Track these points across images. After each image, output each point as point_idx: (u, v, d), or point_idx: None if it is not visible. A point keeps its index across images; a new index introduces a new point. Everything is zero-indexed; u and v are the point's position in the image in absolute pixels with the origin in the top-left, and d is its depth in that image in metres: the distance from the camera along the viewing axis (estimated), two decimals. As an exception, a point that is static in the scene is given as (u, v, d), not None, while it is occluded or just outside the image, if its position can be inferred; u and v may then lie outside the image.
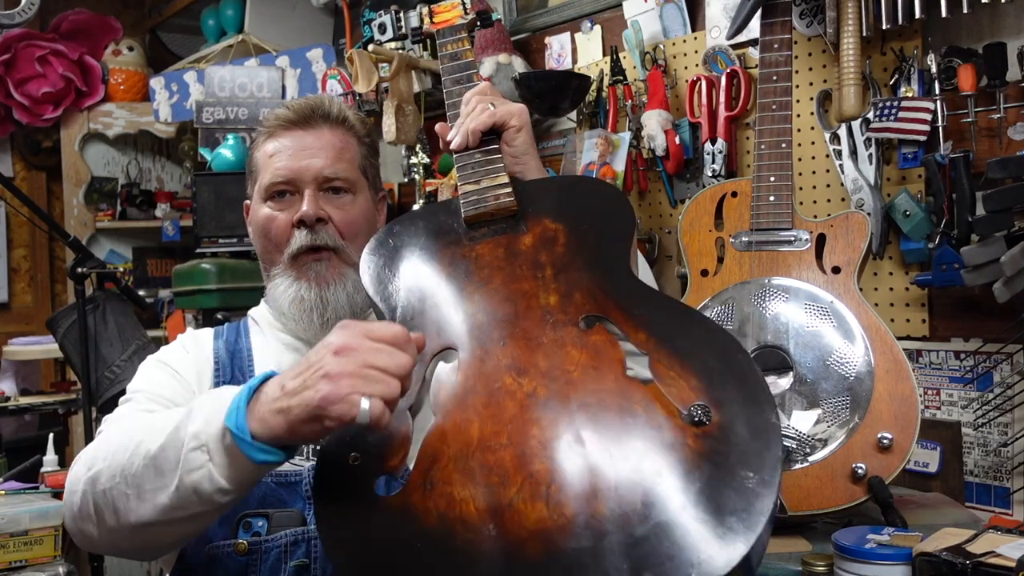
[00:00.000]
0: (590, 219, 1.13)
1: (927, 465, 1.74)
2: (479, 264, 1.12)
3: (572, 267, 1.08)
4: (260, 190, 1.33)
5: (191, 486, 0.95)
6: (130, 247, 4.11)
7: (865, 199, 1.79)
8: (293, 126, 1.33)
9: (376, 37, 2.79)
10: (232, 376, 1.28)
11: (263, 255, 1.35)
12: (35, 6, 2.47)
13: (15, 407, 3.34)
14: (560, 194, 1.18)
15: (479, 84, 1.30)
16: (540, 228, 1.13)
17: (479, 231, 1.16)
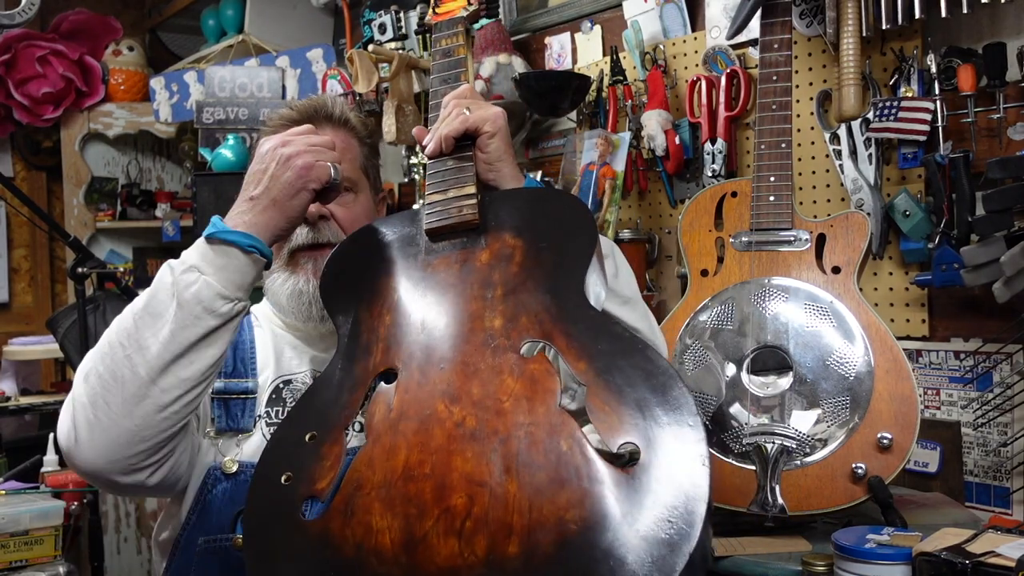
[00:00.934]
0: (551, 236, 1.09)
1: (927, 465, 1.75)
2: (434, 280, 1.10)
3: (523, 288, 1.05)
4: None
5: (192, 299, 1.03)
6: (130, 247, 4.11)
7: (865, 199, 1.79)
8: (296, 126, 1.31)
9: (376, 37, 2.80)
10: (234, 367, 1.29)
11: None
12: (35, 6, 2.47)
13: (15, 407, 3.33)
14: (525, 208, 1.15)
15: (461, 86, 1.28)
16: (499, 244, 1.11)
17: (440, 244, 1.14)
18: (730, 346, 1.56)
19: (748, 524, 1.52)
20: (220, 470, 1.20)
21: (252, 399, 1.26)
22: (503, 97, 2.43)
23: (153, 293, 1.06)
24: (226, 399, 1.25)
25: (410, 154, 2.75)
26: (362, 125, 1.40)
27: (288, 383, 1.29)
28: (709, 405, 1.55)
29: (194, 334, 1.04)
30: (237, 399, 1.26)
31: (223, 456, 1.22)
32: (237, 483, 1.19)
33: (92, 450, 1.04)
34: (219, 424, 1.24)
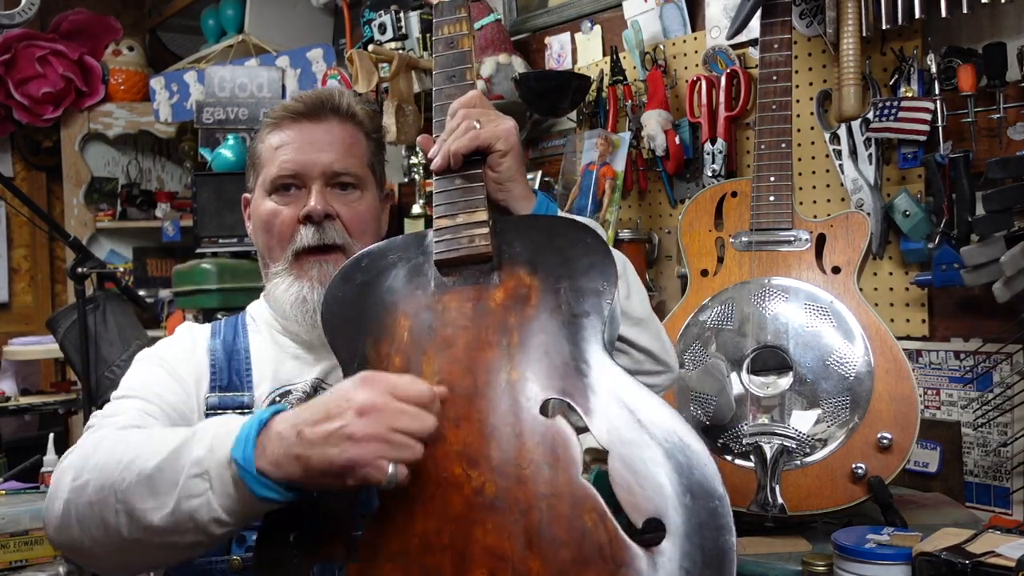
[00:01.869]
0: (568, 274, 1.04)
1: (927, 465, 1.74)
2: (445, 319, 1.03)
3: (541, 336, 1.00)
4: (264, 183, 1.27)
5: (188, 512, 0.94)
6: (130, 247, 4.11)
7: (865, 199, 1.79)
8: (301, 118, 1.27)
9: (376, 37, 2.80)
10: (229, 380, 1.24)
11: (264, 251, 1.30)
12: (35, 6, 2.47)
13: (15, 407, 3.34)
14: (540, 239, 1.07)
15: (469, 92, 1.16)
16: (514, 282, 1.04)
17: (450, 276, 1.06)
18: (730, 346, 1.56)
19: (748, 524, 1.52)
20: None
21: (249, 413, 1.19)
22: (503, 97, 2.43)
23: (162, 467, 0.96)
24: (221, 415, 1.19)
25: (410, 154, 2.75)
26: (369, 119, 1.34)
27: (286, 394, 1.24)
28: (709, 405, 1.55)
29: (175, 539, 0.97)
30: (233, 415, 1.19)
31: None
32: None
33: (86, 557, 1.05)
34: None
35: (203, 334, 1.31)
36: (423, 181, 2.65)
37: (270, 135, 1.29)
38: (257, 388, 1.24)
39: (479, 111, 1.13)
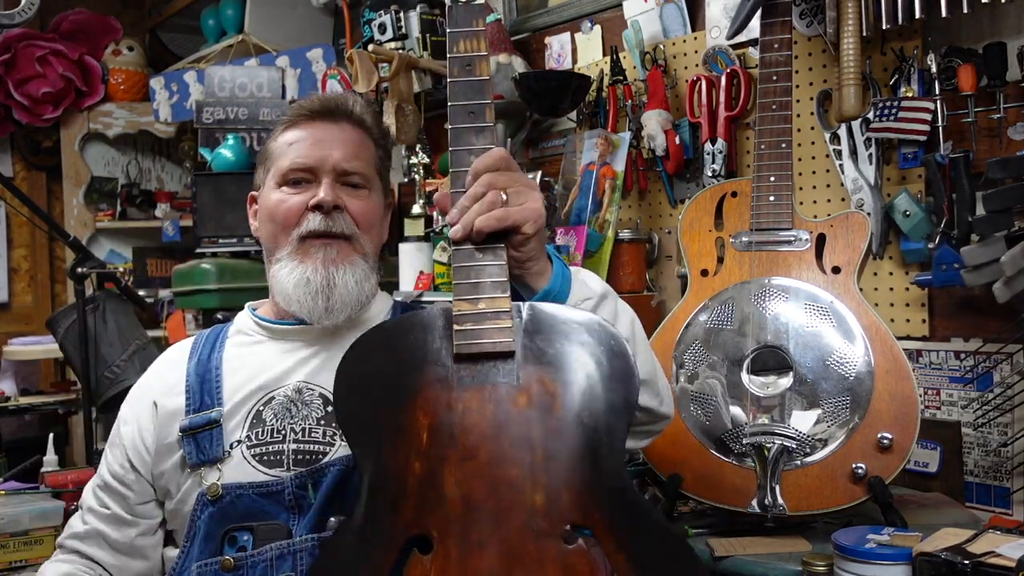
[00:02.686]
0: (591, 383, 1.02)
1: (927, 465, 1.74)
2: (466, 424, 1.00)
3: (564, 453, 0.99)
4: (276, 175, 1.31)
5: None
6: (130, 247, 4.11)
7: (865, 199, 1.79)
8: (316, 117, 1.31)
9: (376, 37, 2.80)
10: (201, 403, 1.27)
11: (269, 239, 1.32)
12: (35, 6, 2.47)
13: (15, 407, 3.34)
14: (563, 338, 1.03)
15: (495, 154, 1.07)
16: (536, 385, 1.01)
17: (469, 369, 1.02)
18: (730, 346, 1.56)
19: (748, 524, 1.52)
20: (207, 496, 1.20)
21: (219, 428, 1.24)
22: (503, 97, 2.43)
23: None
24: (194, 433, 1.25)
25: (410, 154, 2.75)
26: (378, 128, 1.38)
27: (269, 401, 1.26)
28: (709, 405, 1.55)
29: None
30: (204, 431, 1.25)
31: (206, 483, 1.21)
32: (223, 505, 1.19)
33: None
34: (191, 459, 1.24)
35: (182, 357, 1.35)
36: (423, 181, 2.65)
37: (285, 132, 1.32)
38: (230, 399, 1.27)
39: (506, 178, 1.06)
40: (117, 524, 1.29)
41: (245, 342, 1.34)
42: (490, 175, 1.06)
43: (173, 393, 1.30)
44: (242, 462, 1.22)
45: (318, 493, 1.17)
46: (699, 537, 1.50)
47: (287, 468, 1.21)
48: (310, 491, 1.18)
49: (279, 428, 1.24)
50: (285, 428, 1.23)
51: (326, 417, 1.24)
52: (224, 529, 1.18)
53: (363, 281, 1.27)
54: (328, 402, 1.25)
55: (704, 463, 1.54)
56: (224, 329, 1.38)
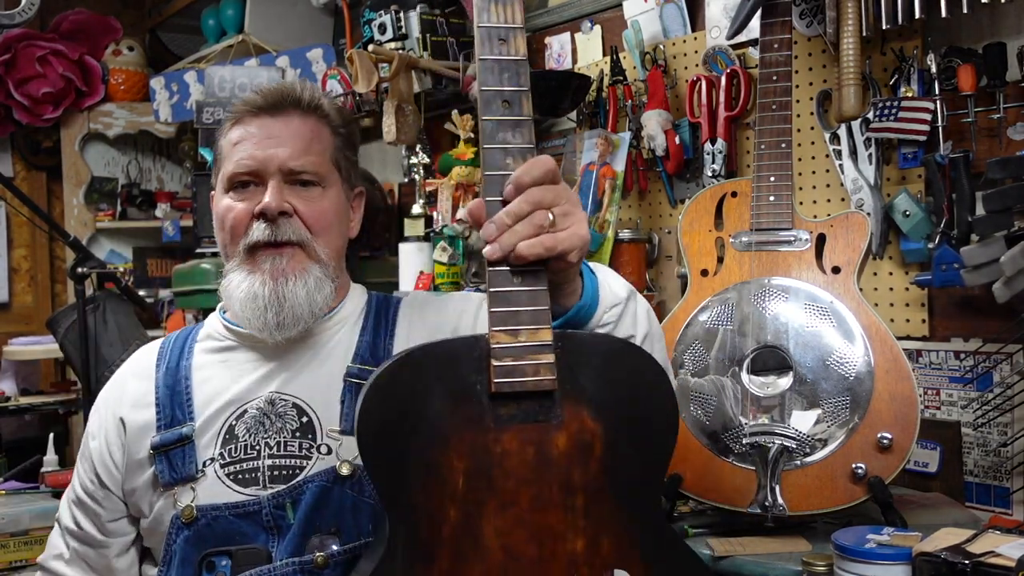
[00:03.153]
0: (631, 422, 0.97)
1: (927, 465, 1.74)
2: (505, 467, 0.94)
3: (604, 497, 0.96)
4: (223, 180, 1.22)
5: None
6: (130, 247, 4.11)
7: (865, 199, 1.79)
8: (261, 112, 1.21)
9: (376, 37, 2.79)
10: (173, 418, 1.21)
11: (222, 249, 1.26)
12: (35, 6, 2.47)
13: (15, 407, 3.34)
14: (602, 370, 0.97)
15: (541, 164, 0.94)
16: (577, 425, 0.95)
17: (507, 407, 0.94)
18: (730, 346, 1.56)
19: (748, 524, 1.52)
20: (181, 519, 1.15)
21: (191, 444, 1.18)
22: (503, 97, 2.43)
23: None
24: (166, 451, 1.19)
25: (410, 154, 2.75)
26: (336, 113, 1.26)
27: (242, 415, 1.20)
28: (709, 405, 1.55)
29: None
30: (176, 448, 1.19)
31: (180, 504, 1.16)
32: (198, 528, 1.14)
33: None
34: (164, 479, 1.18)
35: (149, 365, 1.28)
36: (423, 181, 2.65)
37: (231, 131, 1.24)
38: (201, 414, 1.21)
39: (553, 194, 0.94)
40: (93, 546, 1.25)
41: (214, 348, 1.27)
42: (537, 191, 0.93)
43: (141, 405, 1.24)
44: (216, 481, 1.16)
45: (297, 513, 1.13)
46: (699, 537, 1.50)
47: (263, 486, 1.16)
48: (288, 511, 1.13)
49: (253, 444, 1.17)
50: (259, 443, 1.17)
51: (301, 429, 1.18)
52: (201, 554, 1.13)
53: (315, 292, 1.19)
54: (303, 412, 1.19)
55: (704, 463, 1.54)
56: (194, 332, 1.31)
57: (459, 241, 2.38)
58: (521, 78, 0.94)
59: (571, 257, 0.94)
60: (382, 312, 1.29)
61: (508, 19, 0.93)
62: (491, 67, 0.93)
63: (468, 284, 2.39)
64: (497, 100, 0.93)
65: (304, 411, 1.19)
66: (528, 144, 0.95)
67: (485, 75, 0.94)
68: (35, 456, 2.34)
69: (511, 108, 0.94)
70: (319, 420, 1.19)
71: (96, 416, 1.29)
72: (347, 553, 1.12)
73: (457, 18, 2.80)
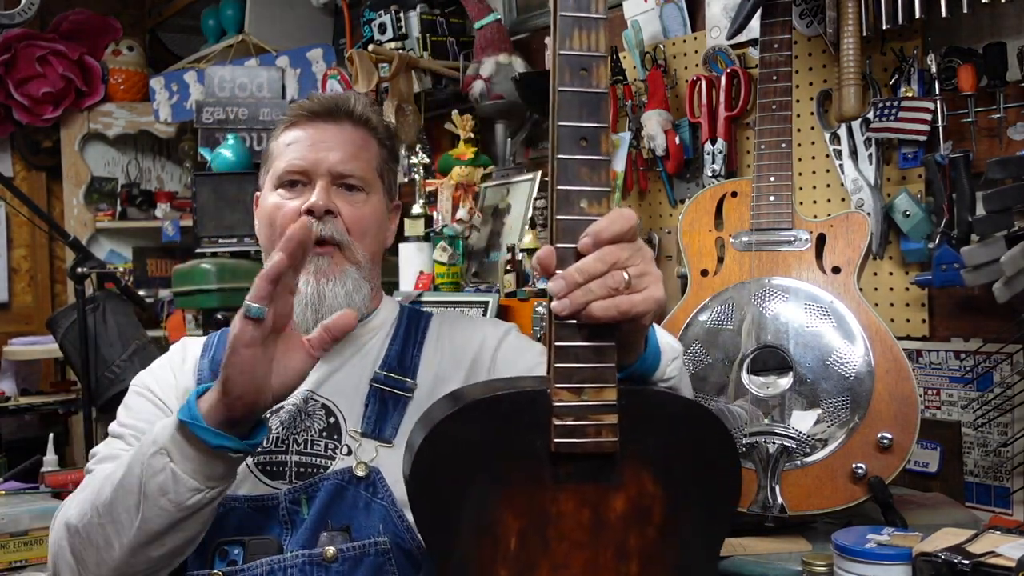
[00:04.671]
0: (694, 484, 0.93)
1: (927, 465, 1.74)
2: (560, 529, 0.90)
3: (659, 564, 0.92)
4: (273, 177, 1.28)
5: (156, 490, 0.98)
6: (130, 247, 4.11)
7: (865, 199, 1.79)
8: (316, 117, 1.28)
9: (376, 37, 2.80)
10: None
11: (266, 245, 1.30)
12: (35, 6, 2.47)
13: (15, 407, 3.34)
14: (665, 432, 0.93)
15: (622, 219, 0.88)
16: (636, 488, 0.92)
17: (566, 467, 0.90)
18: (730, 346, 1.56)
19: (748, 524, 1.52)
20: None
21: None
22: (503, 97, 2.43)
23: (130, 464, 1.02)
24: None
25: (410, 154, 2.75)
26: (383, 127, 1.34)
27: (277, 409, 1.23)
28: (709, 405, 1.55)
29: (159, 525, 1.00)
30: None
31: None
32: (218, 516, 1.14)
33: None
34: None
35: (195, 351, 1.32)
36: (423, 181, 2.65)
37: (284, 133, 1.30)
38: None
39: (630, 254, 0.89)
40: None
41: None
42: (615, 249, 0.87)
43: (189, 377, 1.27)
44: (247, 473, 1.20)
45: (311, 508, 1.15)
46: (699, 537, 1.50)
47: (289, 480, 1.19)
48: (303, 506, 1.16)
49: (283, 438, 1.21)
50: (289, 439, 1.21)
51: (328, 429, 1.22)
52: (215, 542, 1.14)
53: (353, 292, 1.24)
54: (331, 413, 1.23)
55: (704, 463, 1.54)
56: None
57: (459, 241, 2.38)
58: (601, 114, 0.87)
59: (645, 321, 0.92)
60: (413, 324, 1.33)
61: (591, 47, 0.88)
62: (569, 101, 0.86)
63: (468, 284, 2.40)
64: (574, 137, 0.86)
65: (332, 412, 1.23)
66: (605, 187, 0.88)
67: (564, 111, 0.87)
68: (35, 456, 2.34)
69: (589, 147, 0.87)
70: (345, 422, 1.23)
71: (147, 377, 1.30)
72: (357, 550, 1.13)
73: (457, 18, 2.80)
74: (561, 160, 0.86)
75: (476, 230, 2.44)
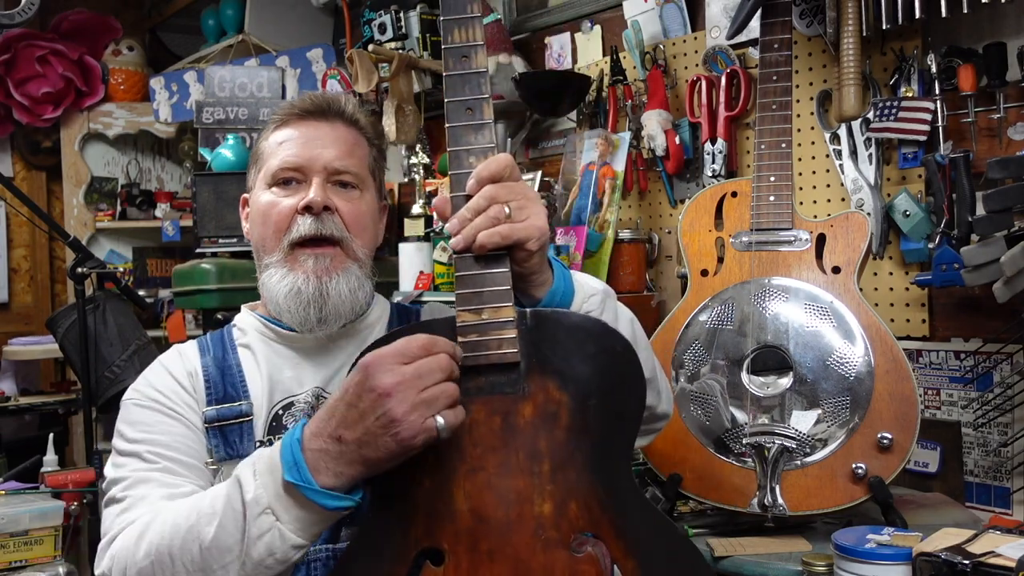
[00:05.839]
0: (598, 390, 1.01)
1: (927, 465, 1.74)
2: (472, 437, 1.00)
3: (571, 463, 1.00)
4: (266, 175, 1.26)
5: (264, 551, 0.98)
6: (130, 247, 4.11)
7: (865, 199, 1.79)
8: (308, 115, 1.27)
9: (376, 37, 2.80)
10: (225, 393, 1.22)
11: (259, 243, 1.27)
12: (35, 6, 2.47)
13: (15, 407, 3.34)
14: (569, 346, 1.02)
15: (498, 161, 1.03)
16: (543, 395, 1.01)
17: (475, 380, 1.00)
18: (730, 346, 1.56)
19: (748, 524, 1.52)
20: None
21: (248, 422, 1.20)
22: (503, 97, 2.43)
23: (222, 523, 1.00)
24: (221, 427, 1.19)
25: (410, 154, 2.75)
26: (372, 128, 1.33)
27: (289, 407, 1.23)
28: (709, 405, 1.55)
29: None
30: (233, 425, 1.20)
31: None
32: None
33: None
34: (219, 454, 1.18)
35: (192, 353, 1.28)
36: (423, 181, 2.65)
37: (275, 131, 1.28)
38: (255, 400, 1.22)
39: (508, 190, 1.02)
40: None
41: (254, 342, 1.28)
42: (493, 188, 1.02)
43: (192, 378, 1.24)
44: None
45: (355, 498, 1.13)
46: (699, 537, 1.50)
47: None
48: None
49: None
50: None
51: None
52: None
53: (357, 290, 1.23)
54: None
55: (704, 463, 1.54)
56: (227, 331, 1.32)
57: (459, 241, 2.37)
58: (481, 88, 1.05)
59: (530, 245, 1.02)
60: (404, 319, 1.34)
61: (468, 38, 1.06)
62: (454, 81, 1.06)
63: (468, 284, 2.39)
64: (460, 108, 1.05)
65: None
66: (489, 145, 1.04)
67: (450, 89, 1.05)
68: (35, 456, 2.34)
69: (473, 114, 1.05)
70: None
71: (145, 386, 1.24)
72: None
73: (457, 18, 2.80)
74: (452, 127, 1.05)
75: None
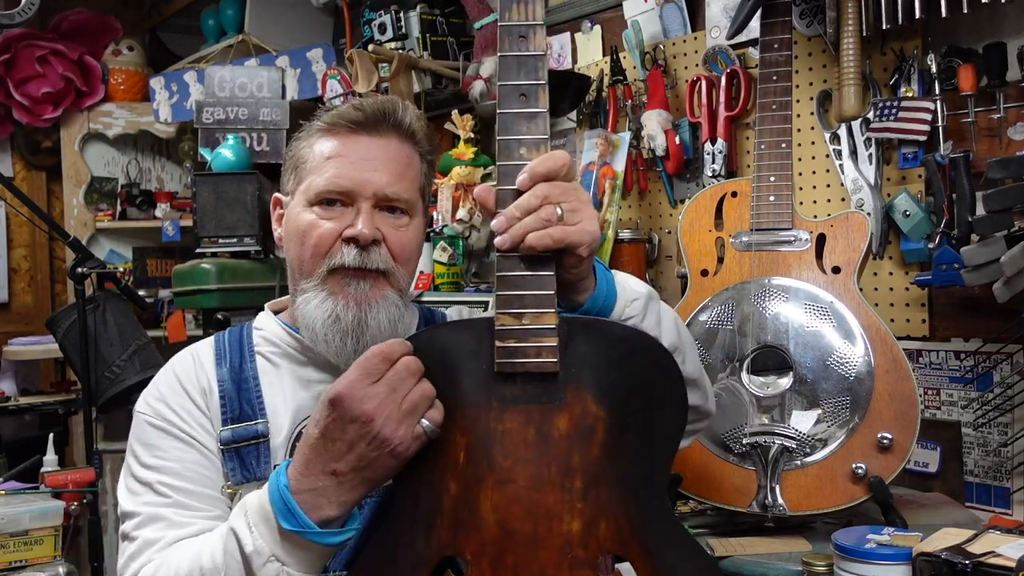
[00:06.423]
0: (637, 407, 0.97)
1: (927, 465, 1.74)
2: (505, 446, 0.97)
3: (604, 481, 0.96)
4: (307, 191, 1.16)
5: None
6: (130, 247, 4.11)
7: (865, 199, 1.79)
8: (359, 129, 1.16)
9: (376, 37, 2.80)
10: (241, 412, 1.16)
11: (296, 263, 1.18)
12: (35, 6, 2.47)
13: (15, 407, 3.34)
14: (609, 356, 0.97)
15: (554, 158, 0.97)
16: (579, 408, 0.97)
17: (510, 387, 0.97)
18: (730, 346, 1.56)
19: (748, 524, 1.52)
20: None
21: (265, 443, 1.14)
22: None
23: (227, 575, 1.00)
24: (237, 448, 1.14)
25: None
26: (428, 140, 1.22)
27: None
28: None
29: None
30: (249, 446, 1.14)
31: None
32: None
33: None
34: (235, 477, 1.13)
35: (208, 360, 1.22)
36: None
37: (321, 140, 1.18)
38: (274, 418, 1.16)
39: (562, 189, 0.96)
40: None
41: (276, 353, 1.22)
42: (546, 186, 0.96)
43: (206, 396, 1.17)
44: None
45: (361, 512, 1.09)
46: (699, 537, 1.50)
47: None
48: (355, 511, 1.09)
49: None
50: None
51: None
52: None
53: (397, 321, 1.15)
54: None
55: (704, 463, 1.54)
56: (246, 334, 1.24)
57: (459, 241, 2.38)
58: (538, 73, 0.98)
59: (581, 251, 0.97)
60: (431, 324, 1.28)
61: (527, 17, 0.98)
62: (509, 63, 0.98)
63: (468, 284, 2.39)
64: (514, 94, 0.97)
65: None
66: (542, 137, 0.98)
67: (504, 72, 0.98)
68: (35, 456, 2.34)
69: (527, 101, 0.98)
70: None
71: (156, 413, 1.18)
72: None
73: (457, 18, 2.80)
74: (503, 114, 0.98)
75: (476, 230, 2.43)
